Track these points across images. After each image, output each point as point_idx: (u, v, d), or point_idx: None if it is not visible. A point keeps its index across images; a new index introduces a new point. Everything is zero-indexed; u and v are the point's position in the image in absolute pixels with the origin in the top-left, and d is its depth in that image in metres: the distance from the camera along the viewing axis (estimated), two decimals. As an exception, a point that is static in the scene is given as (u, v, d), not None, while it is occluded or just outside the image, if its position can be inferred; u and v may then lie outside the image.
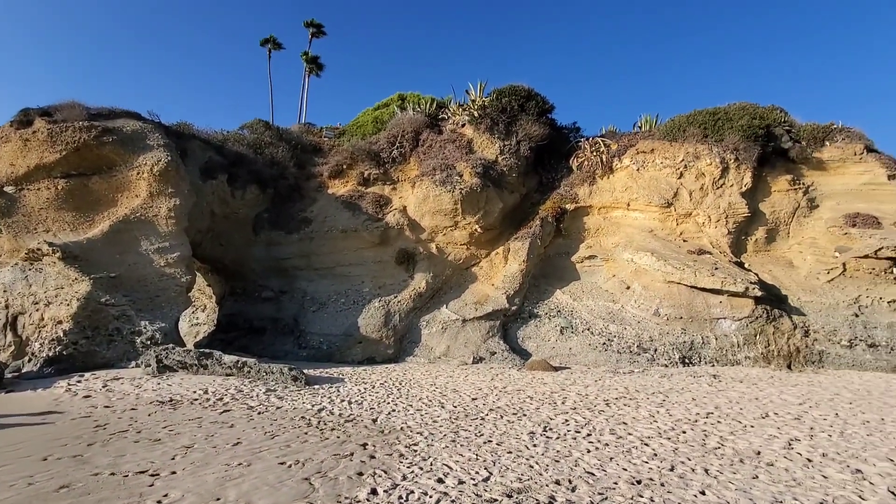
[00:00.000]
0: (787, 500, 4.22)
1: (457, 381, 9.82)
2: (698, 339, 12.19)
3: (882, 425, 6.79)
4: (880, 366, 12.22)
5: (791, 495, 4.31)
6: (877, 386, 10.01)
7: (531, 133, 15.11)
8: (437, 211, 14.20)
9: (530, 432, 6.22)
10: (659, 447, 5.66)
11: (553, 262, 14.95)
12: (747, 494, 4.32)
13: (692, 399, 8.19)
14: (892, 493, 4.40)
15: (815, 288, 13.65)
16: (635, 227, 14.87)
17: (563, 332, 12.67)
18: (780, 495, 4.31)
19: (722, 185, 14.52)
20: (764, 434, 6.21)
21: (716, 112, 15.37)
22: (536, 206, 15.37)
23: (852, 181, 14.74)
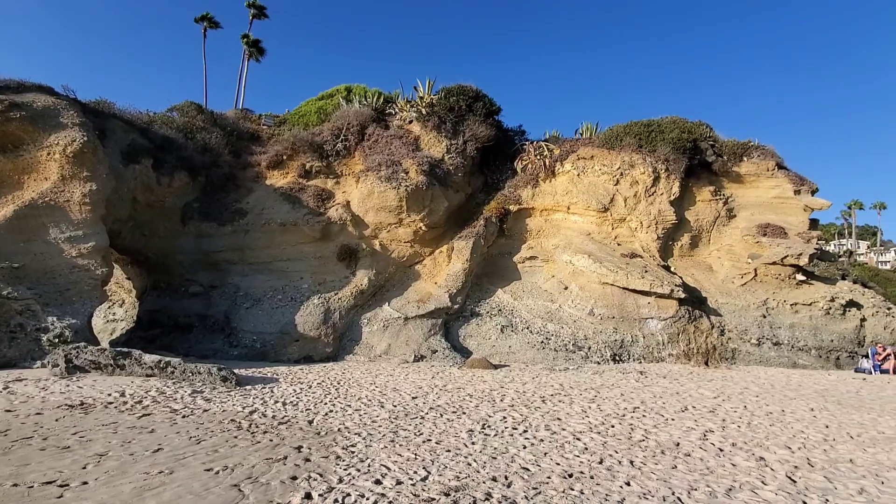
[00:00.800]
0: (700, 487, 4.53)
1: (397, 379, 9.72)
2: (628, 337, 12.92)
3: (782, 416, 7.50)
4: (782, 362, 13.55)
5: (705, 483, 4.64)
6: (779, 380, 11.06)
7: (478, 134, 15.29)
8: (382, 207, 14.01)
9: (469, 430, 6.26)
10: (590, 441, 5.89)
11: (496, 262, 15.24)
12: (667, 483, 4.59)
13: (621, 395, 8.63)
14: (789, 477, 4.85)
15: (730, 291, 14.88)
16: (574, 230, 15.48)
17: (503, 331, 12.93)
18: (695, 483, 4.62)
19: (653, 193, 15.43)
20: (683, 426, 6.65)
21: (650, 124, 16.30)
22: (481, 206, 15.59)
23: (764, 194, 16.18)
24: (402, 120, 16.01)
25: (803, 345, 13.97)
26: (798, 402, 8.59)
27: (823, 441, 6.22)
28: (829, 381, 11.32)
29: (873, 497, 4.42)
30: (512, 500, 4.10)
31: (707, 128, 16.60)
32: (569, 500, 4.17)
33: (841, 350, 14.25)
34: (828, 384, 10.88)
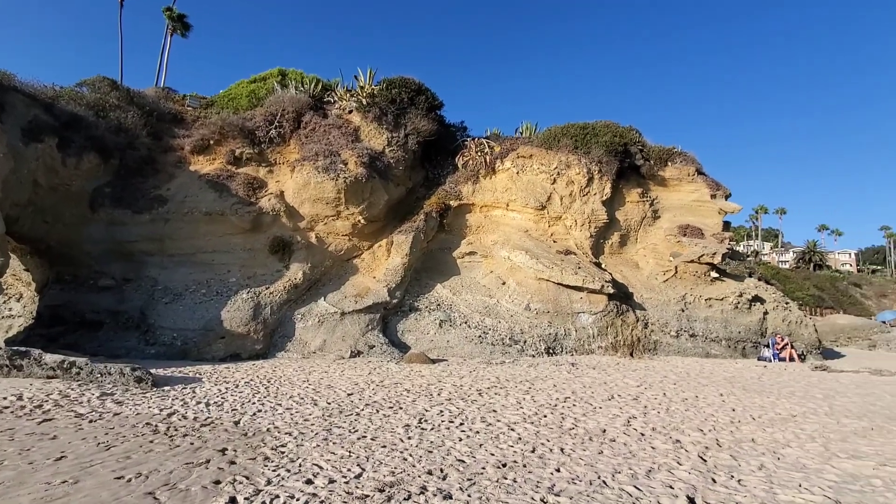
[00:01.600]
0: (624, 470, 4.77)
1: (332, 376, 9.44)
2: (561, 331, 13.42)
3: (696, 401, 8.10)
4: (697, 352, 14.69)
5: (627, 465, 4.90)
6: (694, 369, 11.98)
7: (420, 127, 15.17)
8: (319, 199, 13.50)
9: (406, 425, 6.19)
10: (523, 431, 6.02)
11: (435, 257, 15.23)
12: (594, 468, 4.79)
13: (553, 386, 8.92)
14: (701, 457, 5.23)
15: (654, 287, 15.89)
16: (513, 227, 15.82)
17: (441, 326, 12.95)
18: (619, 466, 4.86)
19: (587, 193, 16.11)
20: (610, 414, 6.99)
21: (585, 127, 16.99)
22: (422, 200, 15.50)
23: (685, 197, 17.42)
24: (341, 109, 15.51)
25: (715, 336, 15.23)
26: (710, 389, 9.32)
27: (730, 423, 6.78)
28: (736, 369, 12.42)
29: (771, 472, 4.87)
30: (447, 493, 4.08)
31: (637, 133, 17.59)
32: (502, 488, 4.23)
33: (747, 340, 15.69)
34: (735, 372, 11.93)
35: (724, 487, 4.43)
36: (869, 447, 5.85)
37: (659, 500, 4.14)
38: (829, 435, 6.33)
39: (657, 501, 4.10)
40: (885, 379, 12.20)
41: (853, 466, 5.10)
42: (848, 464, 5.18)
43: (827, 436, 6.28)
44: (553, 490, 4.25)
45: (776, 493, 4.35)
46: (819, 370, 13.27)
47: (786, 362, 14.77)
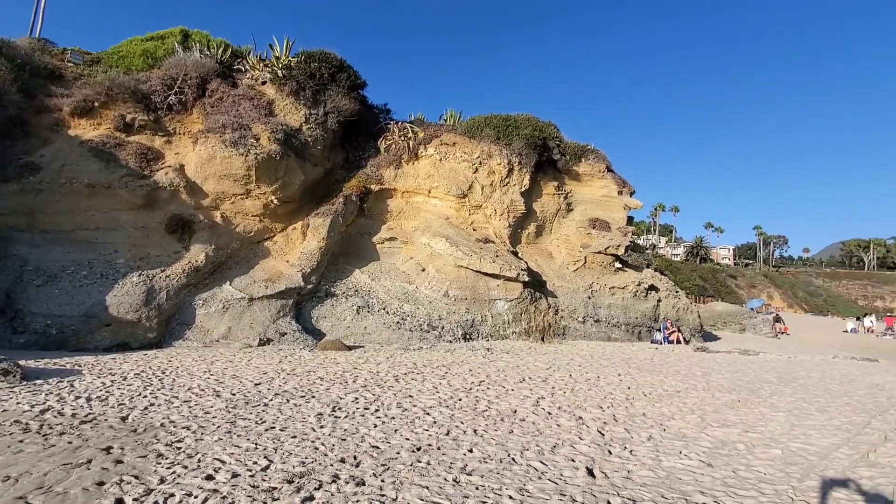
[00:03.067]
0: (531, 447, 5.02)
1: (238, 365, 8.86)
2: (478, 317, 13.76)
3: (598, 381, 8.74)
4: (601, 336, 15.86)
5: (535, 443, 5.16)
6: (597, 352, 12.92)
7: (341, 106, 14.52)
8: (226, 175, 12.44)
9: (318, 414, 5.99)
10: (439, 415, 6.10)
11: (354, 242, 14.82)
12: (504, 447, 4.99)
13: (469, 370, 9.14)
14: (599, 432, 5.65)
15: (565, 275, 16.84)
16: (434, 214, 15.84)
17: (359, 312, 12.67)
18: (527, 444, 5.10)
19: (507, 184, 16.56)
20: (521, 395, 7.30)
21: (507, 119, 17.38)
22: (341, 183, 14.92)
23: (596, 193, 18.57)
24: (253, 79, 14.37)
25: (616, 321, 16.54)
26: (609, 369, 10.11)
27: (626, 400, 7.40)
28: (633, 351, 13.61)
29: (657, 441, 5.39)
30: (360, 479, 4.02)
31: (555, 128, 18.32)
32: (416, 472, 4.25)
33: (642, 325, 17.24)
34: (631, 353, 13.06)
35: (618, 458, 4.82)
36: (736, 417, 6.69)
37: (562, 472, 4.40)
38: (706, 407, 7.14)
39: (560, 474, 4.36)
40: (751, 358, 14.07)
41: (723, 434, 5.80)
42: (719, 432, 5.88)
43: (704, 408, 7.07)
44: (465, 470, 4.35)
45: (661, 460, 4.81)
46: (700, 351, 14.97)
47: (674, 344, 16.47)
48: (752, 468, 4.66)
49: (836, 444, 5.52)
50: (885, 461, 4.99)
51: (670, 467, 4.63)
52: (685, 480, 4.31)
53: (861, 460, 5.01)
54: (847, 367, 13.04)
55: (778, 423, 6.37)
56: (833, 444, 5.55)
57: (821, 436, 5.85)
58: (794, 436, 5.82)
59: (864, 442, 5.66)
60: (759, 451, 5.17)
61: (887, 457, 5.13)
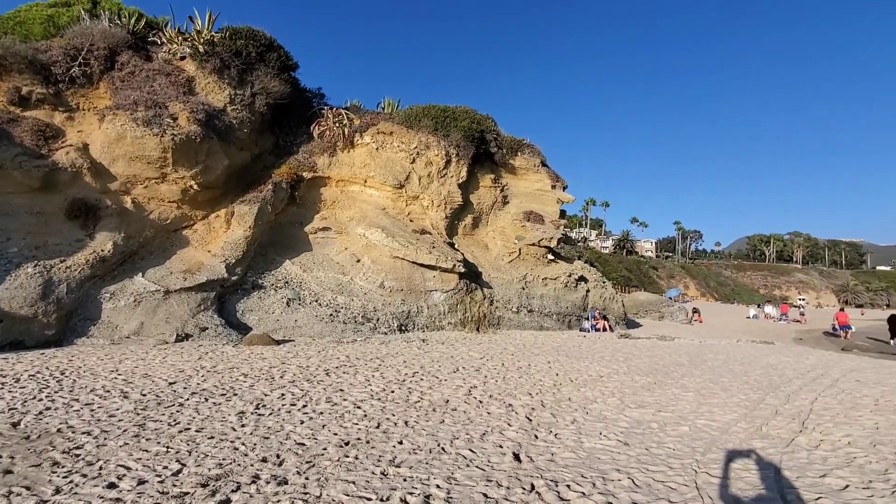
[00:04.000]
0: (461, 435, 5.05)
1: (151, 364, 8.19)
2: (414, 308, 13.68)
3: (528, 369, 9.00)
4: (533, 325, 16.38)
5: (465, 431, 5.19)
6: (529, 341, 13.33)
7: (270, 88, 13.73)
8: (138, 157, 11.33)
9: (240, 412, 5.66)
10: (370, 408, 5.98)
11: (285, 231, 14.16)
12: (434, 437, 4.98)
13: (403, 362, 9.06)
14: (528, 418, 5.81)
15: (500, 267, 17.19)
16: (370, 204, 15.51)
17: (289, 304, 12.14)
18: (457, 433, 5.13)
19: (445, 175, 16.57)
20: (454, 385, 7.34)
21: (446, 110, 17.34)
22: (270, 169, 14.15)
23: (531, 186, 19.08)
24: (171, 54, 13.19)
25: (548, 311, 17.16)
26: (540, 357, 10.46)
27: (553, 386, 7.67)
28: (562, 339, 14.19)
29: (580, 424, 5.62)
30: (282, 478, 3.85)
31: (492, 122, 18.55)
32: (343, 467, 4.14)
33: (572, 314, 18.03)
34: (561, 342, 13.61)
35: (543, 442, 4.97)
36: (651, 398, 7.14)
37: (490, 458, 4.46)
38: (625, 390, 7.57)
39: (488, 460, 4.42)
40: (667, 343, 15.15)
41: (639, 414, 6.16)
42: (636, 412, 6.24)
43: (623, 391, 7.50)
44: (394, 462, 4.29)
45: (583, 441, 5.02)
46: (623, 338, 15.89)
47: (600, 332, 17.38)
48: (663, 445, 4.98)
49: (735, 420, 6.05)
50: (775, 433, 5.53)
51: (591, 448, 4.84)
52: (603, 459, 4.52)
53: (755, 433, 5.52)
54: (748, 350, 14.41)
55: (687, 402, 6.88)
56: (733, 419, 6.08)
57: (723, 412, 6.39)
58: (701, 413, 6.31)
59: (758, 416, 6.26)
60: (669, 429, 5.54)
61: (777, 429, 5.69)
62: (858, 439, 5.34)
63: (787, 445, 5.11)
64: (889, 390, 8.21)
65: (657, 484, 4.00)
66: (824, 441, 5.28)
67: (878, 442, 5.26)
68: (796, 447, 5.06)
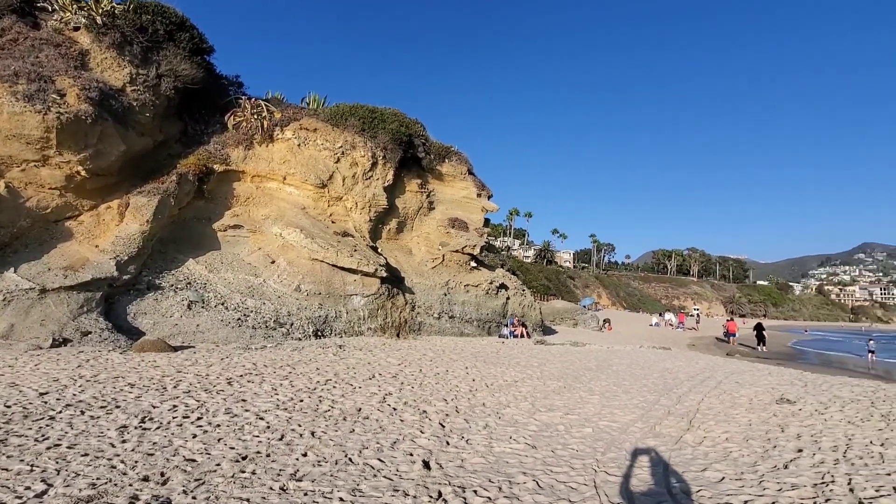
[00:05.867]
0: (371, 444, 4.88)
1: (20, 372, 7.10)
2: (332, 313, 13.18)
3: (446, 375, 8.99)
4: (454, 331, 16.51)
5: (375, 440, 5.02)
6: (449, 346, 13.39)
7: (179, 70, 12.59)
8: (15, 136, 9.82)
9: (122, 426, 5.05)
10: (274, 419, 5.61)
11: (189, 228, 13.01)
12: (342, 447, 4.76)
13: (316, 369, 8.65)
14: (441, 424, 5.76)
15: (423, 272, 17.16)
16: (289, 203, 14.76)
17: (191, 307, 11.12)
18: (367, 442, 4.94)
19: (370, 177, 16.25)
20: (368, 392, 7.11)
21: (374, 111, 17.06)
22: (176, 159, 12.94)
23: (457, 193, 19.30)
24: (62, 23, 11.66)
25: (469, 317, 17.40)
26: (458, 363, 10.51)
27: (469, 391, 7.71)
28: (481, 345, 14.43)
29: (492, 429, 5.67)
30: (165, 498, 3.47)
31: (421, 126, 18.54)
32: (237, 483, 3.81)
33: (492, 321, 18.43)
34: (480, 348, 13.83)
35: (454, 448, 4.93)
36: (560, 401, 7.42)
37: (398, 468, 4.33)
38: (537, 394, 7.80)
39: (397, 469, 4.29)
40: (579, 349, 15.98)
41: (548, 417, 6.36)
42: (545, 416, 6.43)
43: (535, 395, 7.72)
44: (296, 476, 4.03)
45: (493, 446, 5.06)
46: (539, 344, 16.51)
47: (518, 338, 17.93)
48: (567, 446, 5.15)
49: (633, 420, 6.44)
50: (666, 432, 5.96)
51: (500, 452, 4.88)
52: (511, 463, 4.57)
53: (650, 432, 5.90)
54: (648, 356, 15.60)
55: (593, 405, 7.23)
56: (631, 419, 6.47)
57: (623, 414, 6.79)
58: (604, 415, 6.64)
59: (653, 417, 6.72)
60: (574, 431, 5.76)
61: (668, 428, 6.14)
62: (734, 435, 5.90)
63: (676, 443, 5.51)
64: (761, 390, 9.23)
65: (559, 485, 4.10)
66: (707, 438, 5.76)
67: (750, 437, 5.84)
68: (683, 444, 5.47)
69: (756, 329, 28.22)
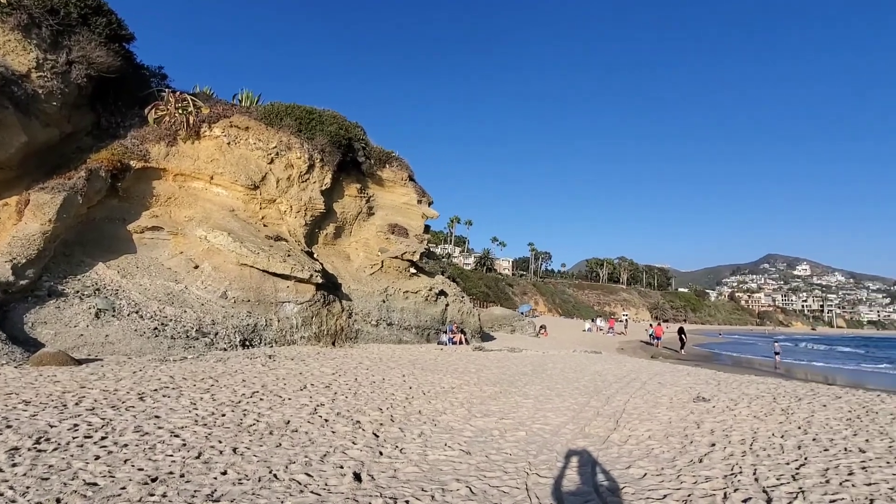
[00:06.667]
0: (299, 459, 4.62)
1: None
2: (262, 321, 12.48)
3: (382, 383, 8.79)
4: (392, 339, 16.27)
5: (304, 454, 4.77)
6: (387, 354, 13.16)
7: (93, 57, 11.49)
8: None
9: (12, 448, 4.48)
10: (191, 436, 5.18)
11: (100, 229, 11.83)
12: (267, 463, 4.47)
13: (242, 381, 8.13)
14: (374, 434, 5.58)
15: (362, 279, 16.80)
16: (216, 204, 13.86)
17: (99, 316, 10.05)
18: (294, 456, 4.68)
19: (307, 180, 15.71)
20: (297, 404, 6.77)
21: (312, 112, 16.55)
22: (86, 153, 11.72)
23: (398, 199, 19.13)
24: (-48, -4, 10.33)
25: (408, 324, 17.23)
26: (395, 371, 10.33)
27: (405, 399, 7.57)
28: (420, 352, 14.32)
29: (427, 437, 5.58)
30: (60, 528, 3.05)
31: (361, 130, 18.22)
32: (144, 508, 3.44)
33: (431, 328, 18.38)
34: (418, 355, 13.71)
35: (387, 458, 4.79)
36: (496, 406, 7.48)
37: (328, 481, 4.13)
38: (473, 400, 7.82)
39: (325, 483, 4.09)
40: (516, 355, 16.31)
41: (483, 423, 6.37)
42: (480, 421, 6.44)
43: (471, 401, 7.72)
44: (213, 496, 3.73)
45: (427, 454, 4.97)
46: (478, 350, 16.67)
47: (457, 345, 18.00)
48: (501, 451, 5.17)
49: (565, 422, 6.61)
50: (595, 432, 6.16)
51: (434, 460, 4.80)
52: (445, 470, 4.51)
53: (580, 433, 6.08)
54: (581, 360, 16.22)
55: (527, 409, 7.34)
56: (563, 422, 6.64)
57: (556, 416, 6.95)
58: (537, 418, 6.77)
59: (583, 418, 6.94)
60: (509, 435, 5.81)
61: (597, 428, 6.36)
62: (656, 432, 6.22)
63: (604, 442, 5.71)
64: (680, 390, 9.85)
65: (492, 489, 4.09)
66: (632, 436, 6.03)
67: (670, 434, 6.18)
68: (610, 443, 5.68)
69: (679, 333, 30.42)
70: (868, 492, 4.20)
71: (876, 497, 4.09)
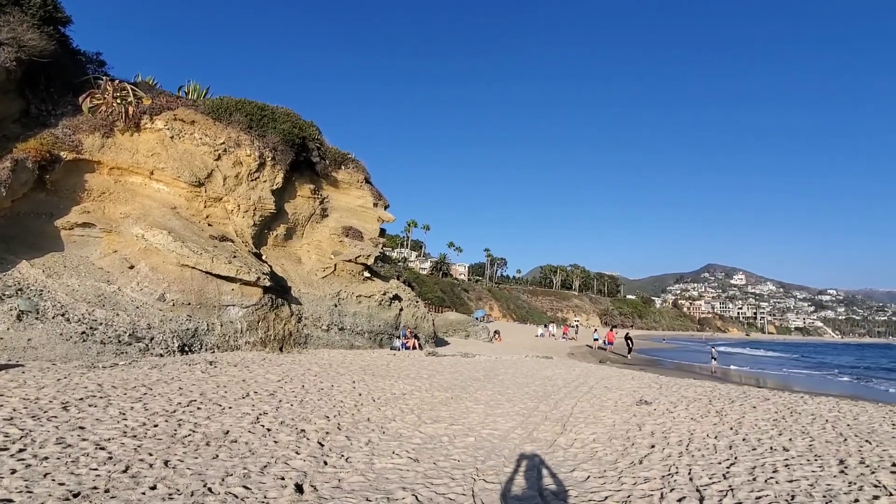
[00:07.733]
0: (237, 471, 4.39)
1: None
2: (204, 325, 11.82)
3: (331, 390, 8.55)
4: (344, 344, 15.92)
5: (242, 465, 4.53)
6: (337, 360, 12.84)
7: (24, 40, 10.58)
8: None
9: None
10: (118, 448, 4.81)
11: (25, 224, 10.85)
12: (201, 476, 4.22)
13: (179, 389, 7.67)
14: (319, 443, 5.40)
15: (313, 282, 16.35)
16: (156, 201, 13.06)
17: (21, 319, 9.19)
18: (232, 468, 4.44)
19: (256, 179, 15.15)
20: (238, 413, 6.45)
21: (264, 108, 16.00)
22: (12, 142, 10.72)
23: (353, 202, 18.81)
24: None
25: (360, 329, 16.92)
26: (345, 377, 10.08)
27: (354, 407, 7.39)
28: (372, 358, 14.08)
29: (375, 445, 5.46)
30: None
31: (317, 129, 17.77)
32: (59, 528, 3.15)
33: (384, 333, 18.12)
34: (370, 360, 13.47)
35: (332, 468, 4.64)
36: (447, 412, 7.44)
37: (266, 494, 3.95)
38: (424, 406, 7.74)
39: (265, 496, 3.91)
40: (469, 360, 16.37)
41: (433, 429, 6.31)
42: (430, 428, 6.38)
43: (422, 407, 7.65)
44: (138, 514, 3.45)
45: (374, 462, 4.85)
46: (431, 356, 16.60)
47: (410, 350, 17.86)
48: (450, 457, 5.14)
49: (513, 427, 6.67)
50: (542, 436, 6.25)
51: (381, 468, 4.70)
52: (391, 479, 4.42)
53: (528, 438, 6.15)
54: (532, 364, 16.51)
55: (477, 415, 7.36)
56: (512, 426, 6.69)
57: (505, 421, 7.00)
58: (487, 423, 6.79)
59: (531, 423, 7.03)
60: (458, 441, 5.78)
61: (544, 433, 6.45)
62: (601, 435, 6.39)
63: (550, 446, 5.80)
64: (625, 393, 10.21)
65: (439, 497, 4.04)
66: (577, 440, 6.16)
67: (614, 436, 6.37)
68: (556, 447, 5.78)
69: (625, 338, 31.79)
70: (790, 488, 4.49)
71: (797, 493, 4.37)
